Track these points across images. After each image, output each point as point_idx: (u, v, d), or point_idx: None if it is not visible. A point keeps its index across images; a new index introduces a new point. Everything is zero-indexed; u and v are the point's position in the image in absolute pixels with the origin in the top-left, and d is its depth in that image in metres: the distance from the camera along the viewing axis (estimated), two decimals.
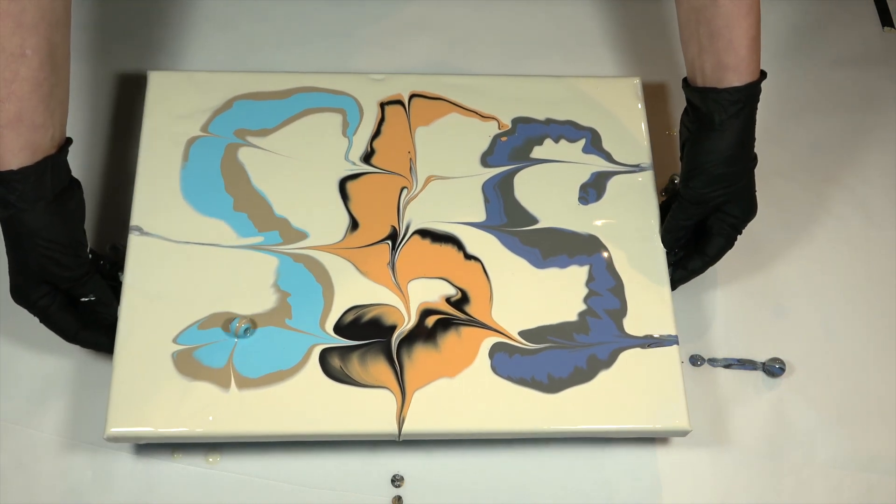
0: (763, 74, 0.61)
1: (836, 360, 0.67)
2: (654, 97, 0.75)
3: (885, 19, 0.81)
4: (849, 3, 0.81)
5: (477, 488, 0.62)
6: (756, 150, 0.62)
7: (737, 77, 0.60)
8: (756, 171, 0.62)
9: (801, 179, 0.73)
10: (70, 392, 0.63)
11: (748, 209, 0.63)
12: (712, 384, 0.66)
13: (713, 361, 0.67)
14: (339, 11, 0.77)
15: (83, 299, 0.59)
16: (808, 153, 0.75)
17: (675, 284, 0.65)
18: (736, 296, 0.69)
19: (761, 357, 0.67)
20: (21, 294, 0.57)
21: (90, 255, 0.59)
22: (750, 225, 0.63)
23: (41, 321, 0.58)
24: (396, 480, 0.61)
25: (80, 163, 0.67)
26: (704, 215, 0.63)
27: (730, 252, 0.64)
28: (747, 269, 0.70)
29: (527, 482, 0.62)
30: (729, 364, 0.66)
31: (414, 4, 0.78)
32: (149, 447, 0.62)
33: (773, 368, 0.66)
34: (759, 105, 0.61)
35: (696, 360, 0.66)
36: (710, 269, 0.66)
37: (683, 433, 0.60)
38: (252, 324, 0.60)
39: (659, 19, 0.80)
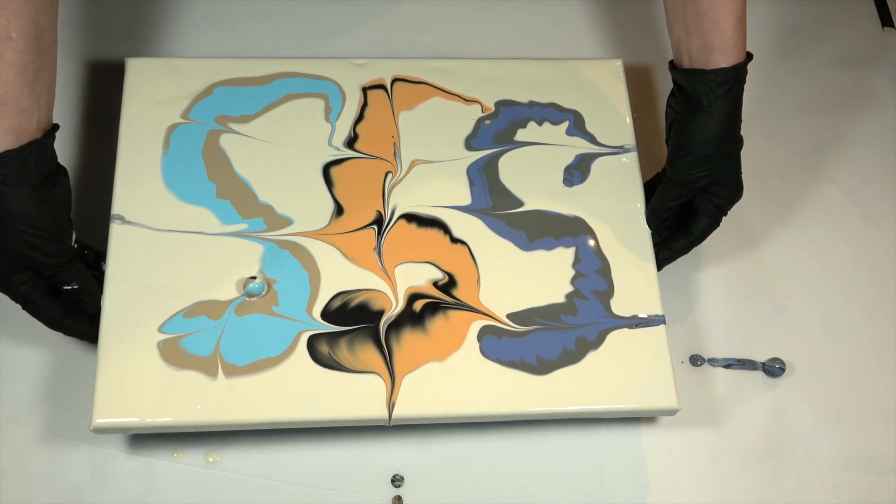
0: (749, 56, 0.61)
1: (836, 360, 0.68)
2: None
3: (885, 19, 0.82)
4: (849, 3, 0.82)
5: (478, 486, 0.62)
6: (756, 149, 0.63)
7: (724, 58, 0.60)
8: (756, 170, 0.63)
9: (801, 179, 0.74)
10: (70, 392, 0.63)
11: (734, 191, 0.64)
12: (712, 384, 0.66)
13: (713, 361, 0.67)
14: (337, 10, 0.78)
15: (66, 287, 0.58)
16: (808, 153, 0.76)
17: (660, 265, 0.66)
18: (736, 296, 0.69)
19: (761, 357, 0.68)
20: (2, 281, 0.57)
21: (75, 244, 0.59)
22: (750, 224, 0.64)
23: (23, 308, 0.58)
24: (396, 481, 0.62)
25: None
26: (690, 196, 0.64)
27: (729, 252, 0.65)
28: (747, 269, 0.70)
29: (527, 481, 0.63)
30: (729, 364, 0.67)
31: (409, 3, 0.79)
32: (148, 447, 0.62)
33: (773, 368, 0.67)
34: (759, 104, 0.62)
35: (696, 360, 0.67)
36: (710, 269, 0.68)
37: (672, 412, 0.61)
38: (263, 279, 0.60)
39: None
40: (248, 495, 0.61)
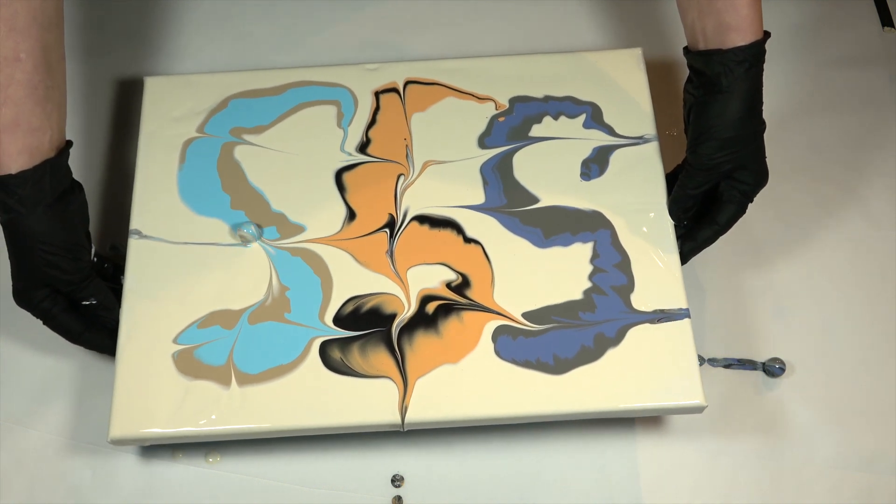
0: (767, 34, 0.58)
1: (836, 360, 0.67)
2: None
3: (885, 19, 0.80)
4: (849, 3, 0.81)
5: (477, 488, 0.62)
6: None
7: (741, 37, 0.58)
8: None
9: (801, 180, 0.74)
10: (71, 392, 0.65)
11: (760, 175, 0.61)
12: (712, 384, 0.66)
13: (713, 361, 0.66)
14: (337, 11, 0.79)
15: (84, 303, 0.59)
16: (808, 153, 0.75)
17: (685, 257, 0.63)
18: (736, 296, 0.69)
19: (761, 357, 0.67)
20: (23, 297, 0.59)
21: (95, 259, 0.60)
22: (750, 225, 0.63)
23: (44, 323, 0.60)
24: (396, 480, 0.62)
25: (79, 165, 0.70)
26: (713, 183, 0.62)
27: (729, 251, 0.64)
28: (747, 269, 0.70)
29: (527, 482, 0.62)
30: (729, 364, 0.66)
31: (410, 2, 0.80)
32: (150, 447, 0.63)
33: (773, 368, 0.66)
34: None
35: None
36: (710, 269, 0.66)
37: (699, 409, 0.58)
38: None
39: (657, 9, 0.80)
40: (248, 495, 0.62)
